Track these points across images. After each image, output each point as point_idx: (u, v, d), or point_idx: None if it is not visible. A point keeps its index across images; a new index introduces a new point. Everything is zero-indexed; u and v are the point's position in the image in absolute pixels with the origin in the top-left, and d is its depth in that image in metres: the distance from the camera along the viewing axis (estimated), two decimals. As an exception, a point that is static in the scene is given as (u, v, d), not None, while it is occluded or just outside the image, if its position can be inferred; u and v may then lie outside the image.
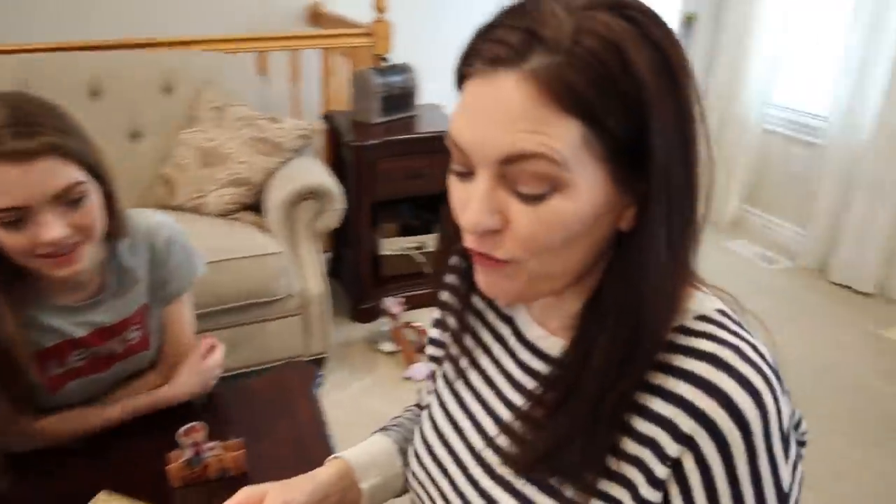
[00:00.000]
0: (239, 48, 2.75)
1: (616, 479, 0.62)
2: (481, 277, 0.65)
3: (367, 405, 2.31)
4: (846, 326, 2.87)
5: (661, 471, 0.59)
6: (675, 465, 0.58)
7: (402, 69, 2.81)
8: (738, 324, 0.63)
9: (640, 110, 0.54)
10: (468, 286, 0.78)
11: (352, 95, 2.80)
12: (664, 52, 0.55)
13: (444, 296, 0.84)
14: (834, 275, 3.19)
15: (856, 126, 3.05)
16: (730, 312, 0.63)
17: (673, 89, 0.55)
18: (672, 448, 0.58)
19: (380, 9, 2.90)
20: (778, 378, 0.59)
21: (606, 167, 0.56)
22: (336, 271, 2.93)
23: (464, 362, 0.79)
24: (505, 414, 0.72)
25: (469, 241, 0.62)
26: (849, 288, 3.13)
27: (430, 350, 0.88)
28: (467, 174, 0.60)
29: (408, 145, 2.65)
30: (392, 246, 2.84)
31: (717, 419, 0.56)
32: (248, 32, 2.82)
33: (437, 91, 3.16)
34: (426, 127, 2.76)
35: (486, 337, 0.78)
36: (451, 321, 0.80)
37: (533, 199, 0.56)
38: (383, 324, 2.62)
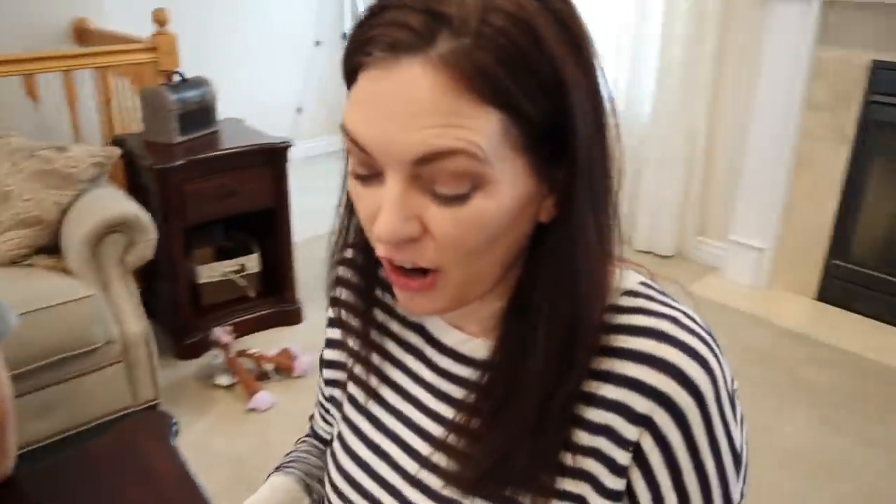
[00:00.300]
0: (1, 72, 2.41)
1: (574, 475, 0.58)
2: (402, 295, 0.58)
3: (215, 446, 2.13)
4: (655, 290, 3.11)
5: (622, 457, 0.56)
6: (636, 449, 0.56)
7: (198, 83, 2.62)
8: (663, 293, 0.62)
9: (557, 91, 0.50)
10: (367, 303, 0.72)
11: (143, 116, 2.57)
12: (569, 26, 0.52)
13: (336, 311, 0.76)
14: (638, 244, 3.46)
15: (637, 110, 3.32)
16: (652, 283, 0.62)
17: (582, 64, 0.52)
18: (630, 431, 0.56)
19: (160, 21, 2.68)
20: (715, 341, 0.59)
21: (525, 157, 0.51)
22: (151, 308, 2.67)
23: (373, 381, 0.72)
24: (435, 429, 0.66)
25: (382, 252, 0.55)
26: (652, 253, 3.42)
27: (328, 374, 0.80)
28: (372, 177, 0.54)
29: (215, 163, 2.48)
30: (211, 273, 2.65)
31: (672, 393, 0.55)
32: (10, 54, 2.48)
33: (231, 104, 3.01)
34: (231, 142, 2.60)
35: (395, 349, 0.71)
36: (351, 340, 0.73)
37: (453, 201, 0.51)
38: (214, 356, 2.43)
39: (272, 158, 2.57)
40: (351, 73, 0.53)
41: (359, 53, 0.51)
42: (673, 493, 0.56)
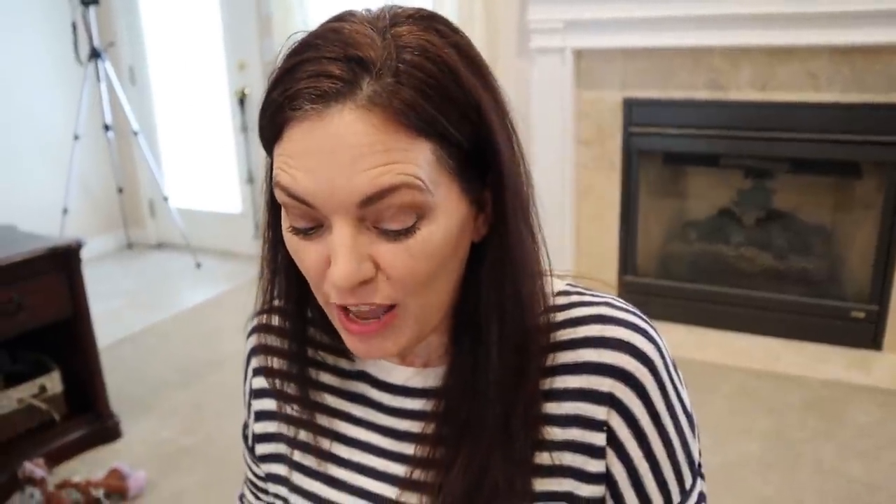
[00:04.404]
0: None
1: (557, 473, 0.61)
2: (357, 343, 0.58)
3: None
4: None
5: (598, 438, 0.60)
6: (608, 428, 0.60)
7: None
8: (589, 289, 0.67)
9: (475, 115, 0.54)
10: (301, 364, 0.69)
11: None
12: (471, 55, 0.57)
13: (259, 382, 0.74)
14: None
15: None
16: (576, 284, 0.68)
17: (489, 89, 0.57)
18: (598, 412, 0.60)
19: None
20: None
21: (457, 181, 0.55)
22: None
23: (325, 442, 0.69)
24: (403, 470, 0.65)
25: (337, 299, 0.55)
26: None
27: (262, 448, 0.75)
28: (314, 228, 0.55)
29: (-9, 278, 2.19)
30: (4, 402, 2.31)
31: (628, 366, 0.60)
32: None
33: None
34: (9, 252, 2.29)
35: (339, 403, 0.70)
36: (288, 408, 0.71)
37: (402, 234, 0.53)
38: (30, 496, 2.10)
39: (63, 262, 2.33)
40: (276, 132, 0.53)
41: (285, 110, 0.52)
42: (645, 463, 0.61)
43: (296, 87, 0.51)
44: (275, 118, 0.53)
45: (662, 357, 0.61)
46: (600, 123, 3.05)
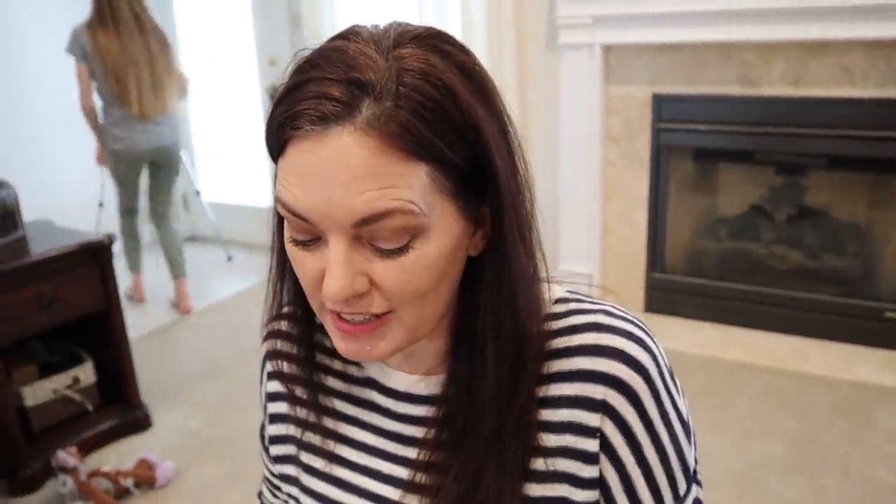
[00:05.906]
0: None
1: (551, 479, 0.62)
2: (348, 345, 0.59)
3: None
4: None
5: (591, 445, 0.61)
6: (601, 434, 0.60)
7: (-4, 187, 2.38)
8: (588, 295, 0.68)
9: (473, 136, 0.54)
10: (310, 369, 0.72)
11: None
12: (475, 75, 0.57)
13: (273, 386, 0.77)
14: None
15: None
16: (575, 291, 0.68)
17: (491, 109, 0.57)
18: (592, 419, 0.60)
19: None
20: (645, 325, 0.65)
21: (453, 201, 0.55)
22: (-31, 446, 2.34)
23: (330, 444, 0.71)
24: (405, 473, 0.67)
25: (332, 305, 0.57)
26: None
27: (276, 450, 0.78)
28: (312, 241, 0.56)
29: (27, 272, 2.25)
30: (39, 393, 2.38)
31: (621, 374, 0.60)
32: None
33: (29, 205, 2.76)
34: (44, 246, 2.37)
35: (347, 408, 0.72)
36: (298, 410, 0.73)
37: (395, 253, 0.54)
38: (63, 484, 2.17)
39: (96, 257, 2.39)
40: (280, 148, 0.55)
41: (287, 128, 0.53)
42: (637, 469, 0.61)
43: (298, 108, 0.52)
44: (278, 135, 0.54)
45: (658, 365, 0.62)
46: (629, 119, 3.03)
